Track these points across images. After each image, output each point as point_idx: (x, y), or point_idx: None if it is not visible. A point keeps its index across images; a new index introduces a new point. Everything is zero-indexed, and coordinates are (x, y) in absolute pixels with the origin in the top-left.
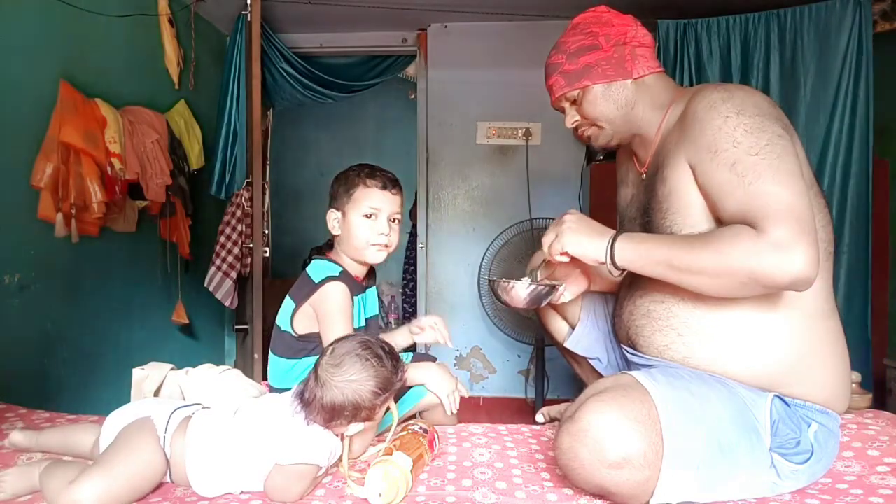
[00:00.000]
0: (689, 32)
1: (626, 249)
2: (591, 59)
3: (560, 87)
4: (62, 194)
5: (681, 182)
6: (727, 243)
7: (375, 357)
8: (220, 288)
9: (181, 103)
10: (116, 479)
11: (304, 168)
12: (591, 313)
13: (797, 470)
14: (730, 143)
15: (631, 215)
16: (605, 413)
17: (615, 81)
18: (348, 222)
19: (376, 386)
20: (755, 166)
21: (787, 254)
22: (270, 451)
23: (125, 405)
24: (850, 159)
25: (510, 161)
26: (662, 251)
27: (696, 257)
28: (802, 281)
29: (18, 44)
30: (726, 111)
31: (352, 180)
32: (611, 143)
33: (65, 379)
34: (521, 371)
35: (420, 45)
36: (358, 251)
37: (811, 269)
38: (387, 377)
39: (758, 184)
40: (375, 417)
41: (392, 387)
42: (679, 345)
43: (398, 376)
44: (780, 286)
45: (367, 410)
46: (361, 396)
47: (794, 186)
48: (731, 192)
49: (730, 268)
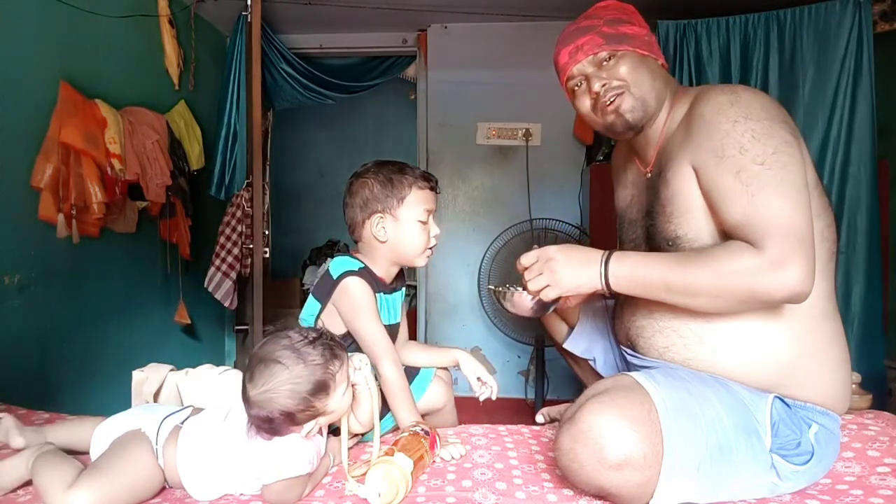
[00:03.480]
0: (689, 33)
1: (620, 277)
2: (629, 30)
3: (595, 46)
4: (62, 195)
5: (684, 185)
6: (726, 264)
7: (284, 357)
8: (220, 288)
9: (181, 104)
10: (114, 486)
11: (304, 168)
12: (590, 314)
13: (797, 471)
14: (737, 149)
15: (632, 217)
16: (604, 414)
17: (650, 56)
18: (401, 229)
19: (293, 388)
20: (760, 176)
21: (783, 271)
22: (253, 470)
23: (112, 417)
24: (849, 159)
25: (510, 162)
26: (658, 274)
27: (695, 279)
28: (798, 295)
29: (18, 44)
30: (734, 115)
31: (400, 182)
32: (642, 116)
33: (65, 379)
34: (521, 371)
35: (420, 46)
36: (409, 258)
37: (806, 284)
38: (306, 374)
39: (761, 195)
40: (328, 409)
41: (326, 375)
42: (680, 346)
43: (328, 361)
44: (778, 301)
45: (305, 411)
46: (282, 403)
47: (795, 199)
48: (734, 200)
49: (729, 288)
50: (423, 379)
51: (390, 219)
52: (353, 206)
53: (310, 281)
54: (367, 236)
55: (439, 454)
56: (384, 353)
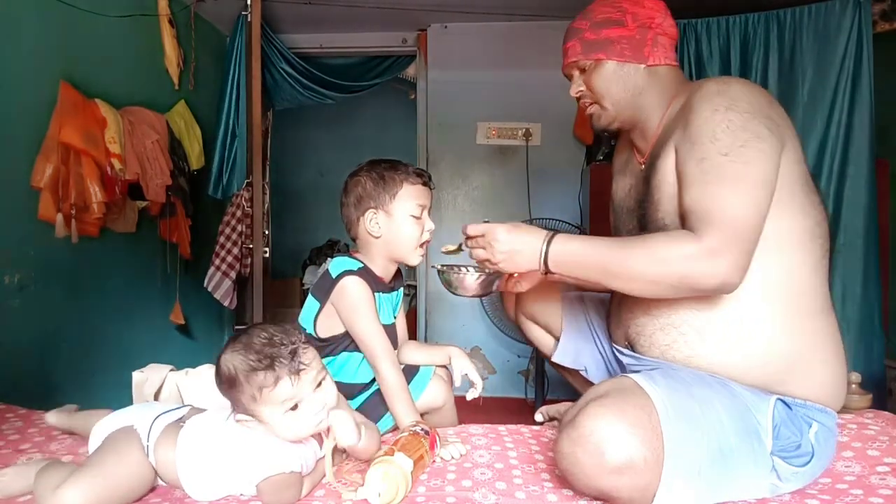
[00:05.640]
0: (689, 32)
1: (560, 257)
2: (613, 33)
3: (575, 54)
4: (62, 195)
5: (669, 171)
6: (663, 249)
7: (257, 339)
8: (220, 288)
9: (181, 104)
10: (102, 484)
11: (304, 168)
12: (573, 322)
13: (797, 472)
14: (708, 137)
15: (629, 207)
16: (605, 418)
17: (629, 63)
18: (394, 224)
19: (245, 357)
20: (719, 167)
21: (715, 260)
22: (244, 468)
23: (108, 416)
24: (847, 159)
25: (510, 161)
26: (598, 256)
27: (632, 262)
28: (726, 286)
29: (18, 44)
30: (717, 104)
31: (391, 178)
32: (611, 125)
33: (65, 379)
34: (522, 371)
35: (420, 46)
36: (404, 254)
37: (735, 276)
38: (260, 351)
39: (713, 185)
40: (273, 396)
41: (272, 362)
42: (681, 343)
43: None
44: (707, 291)
45: (251, 385)
46: (229, 367)
47: (747, 194)
48: (690, 187)
49: (662, 273)
50: (423, 378)
51: (383, 214)
52: (349, 205)
53: (310, 281)
54: (362, 233)
55: (439, 454)
56: (382, 352)
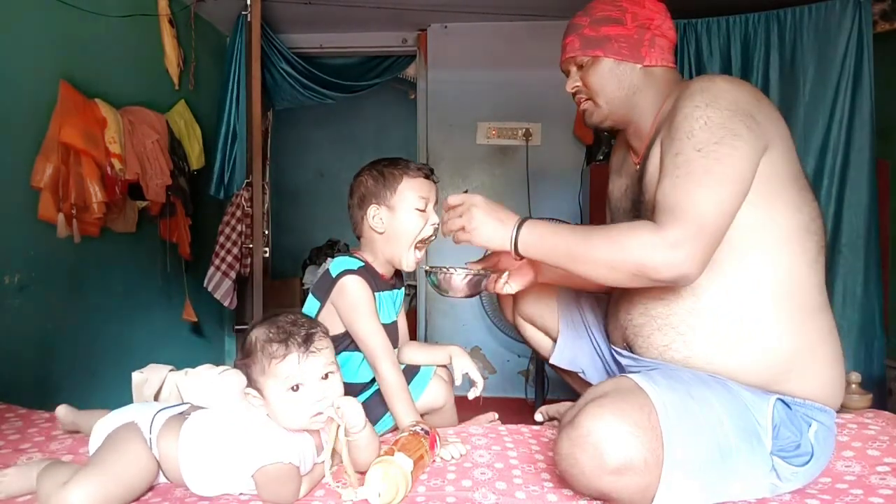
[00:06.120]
0: (689, 32)
1: (529, 242)
2: (612, 31)
3: (573, 49)
4: (62, 195)
5: (657, 169)
6: (625, 237)
7: (283, 319)
8: (220, 288)
9: (181, 104)
10: (107, 480)
11: (303, 168)
12: (570, 324)
13: (797, 472)
14: (686, 133)
15: (625, 207)
16: (604, 419)
17: (626, 62)
18: (397, 218)
19: (267, 330)
20: (691, 163)
21: (674, 251)
22: (242, 462)
23: (108, 414)
24: (848, 159)
25: (510, 161)
26: (563, 243)
27: (595, 249)
28: (684, 277)
29: (18, 44)
30: (699, 101)
31: (391, 174)
32: (603, 123)
33: (65, 379)
34: (521, 371)
35: (420, 46)
36: (400, 252)
37: (694, 268)
38: (281, 327)
39: (683, 179)
40: (279, 367)
41: (287, 337)
42: (680, 344)
43: (299, 338)
44: (664, 281)
45: (263, 355)
46: (251, 338)
47: (715, 191)
48: (662, 179)
49: (623, 260)
50: (423, 378)
51: (385, 209)
52: (354, 205)
53: (310, 281)
54: (366, 230)
55: (439, 454)
56: (382, 352)
